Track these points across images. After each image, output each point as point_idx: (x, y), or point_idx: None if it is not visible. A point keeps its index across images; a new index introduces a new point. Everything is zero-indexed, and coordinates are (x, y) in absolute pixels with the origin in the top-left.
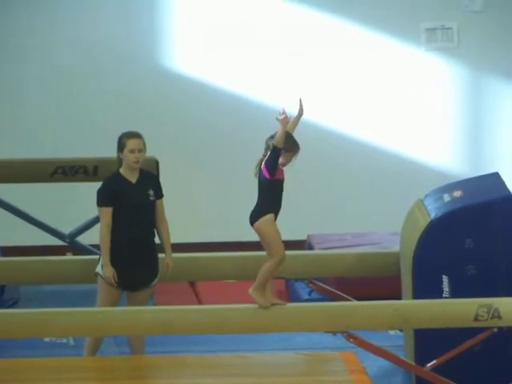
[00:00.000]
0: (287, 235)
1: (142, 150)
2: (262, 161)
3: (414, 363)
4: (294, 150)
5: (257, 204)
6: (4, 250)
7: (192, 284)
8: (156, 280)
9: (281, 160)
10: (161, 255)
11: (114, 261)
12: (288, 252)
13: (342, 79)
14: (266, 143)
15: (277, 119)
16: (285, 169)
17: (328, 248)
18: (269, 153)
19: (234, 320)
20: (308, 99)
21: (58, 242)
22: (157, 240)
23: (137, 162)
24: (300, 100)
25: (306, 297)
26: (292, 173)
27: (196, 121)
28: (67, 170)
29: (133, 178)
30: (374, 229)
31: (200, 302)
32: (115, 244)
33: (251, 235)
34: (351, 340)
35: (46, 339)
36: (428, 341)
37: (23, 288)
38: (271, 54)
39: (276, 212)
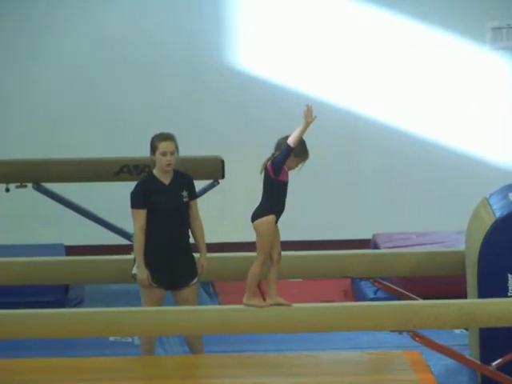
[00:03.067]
0: (352, 234)
1: (174, 152)
2: (269, 159)
3: (479, 362)
4: (303, 156)
5: (260, 203)
6: (69, 250)
7: (258, 283)
8: (195, 280)
9: (287, 162)
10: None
11: (150, 262)
12: (353, 251)
13: (406, 78)
14: (278, 141)
15: (304, 116)
16: (349, 168)
17: (393, 247)
18: (279, 151)
19: (300, 319)
20: (374, 99)
21: (123, 241)
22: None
23: (169, 164)
24: (309, 106)
25: (372, 296)
26: (357, 172)
27: (260, 120)
28: (132, 169)
29: (166, 179)
30: (438, 228)
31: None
32: (150, 245)
33: (316, 234)
34: (417, 339)
35: (111, 338)
36: (493, 339)
37: (88, 287)
38: (336, 53)
39: (278, 214)
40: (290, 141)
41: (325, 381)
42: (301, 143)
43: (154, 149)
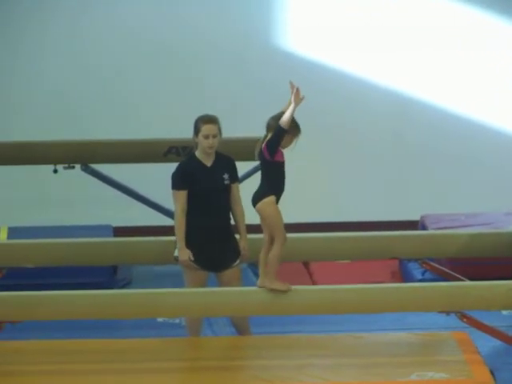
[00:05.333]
0: (400, 216)
1: (217, 135)
2: (262, 142)
3: None
4: (295, 132)
5: (259, 186)
6: (116, 230)
7: (306, 264)
8: (237, 261)
9: (282, 142)
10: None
11: (191, 243)
12: (401, 232)
13: (455, 58)
14: (268, 123)
15: (293, 97)
16: (397, 150)
17: (441, 228)
18: (271, 133)
19: (348, 300)
20: (422, 79)
21: (171, 222)
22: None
23: (210, 147)
24: (297, 87)
25: (420, 277)
26: (405, 153)
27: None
28: (180, 150)
29: (208, 161)
30: (487, 209)
31: (314, 283)
32: (191, 227)
33: (364, 215)
34: (464, 320)
35: (159, 319)
36: None
37: (136, 268)
38: (385, 34)
39: (278, 194)
40: (282, 122)
41: (372, 362)
42: (291, 121)
43: (196, 131)
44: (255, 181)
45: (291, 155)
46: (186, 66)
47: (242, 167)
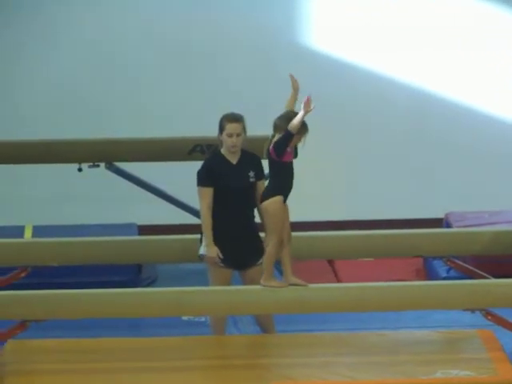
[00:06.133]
0: (424, 213)
1: (241, 133)
2: (270, 141)
3: None
4: (303, 131)
5: (268, 184)
6: (141, 229)
7: (330, 262)
8: (262, 259)
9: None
10: None
11: (216, 241)
12: (426, 230)
13: (479, 56)
14: (274, 123)
15: (303, 105)
16: (421, 147)
17: (465, 226)
18: (278, 135)
19: (372, 298)
20: (444, 76)
21: (195, 220)
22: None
23: (234, 146)
24: (291, 76)
25: (444, 275)
26: (429, 151)
27: (332, 101)
28: (205, 148)
29: (233, 158)
30: (511, 207)
31: (338, 280)
32: (217, 224)
33: (388, 213)
34: (489, 318)
35: (184, 318)
36: None
37: (161, 267)
38: (409, 32)
39: (285, 193)
40: (291, 127)
41: (397, 359)
42: None
43: (221, 129)
44: None
45: (315, 153)
46: (211, 63)
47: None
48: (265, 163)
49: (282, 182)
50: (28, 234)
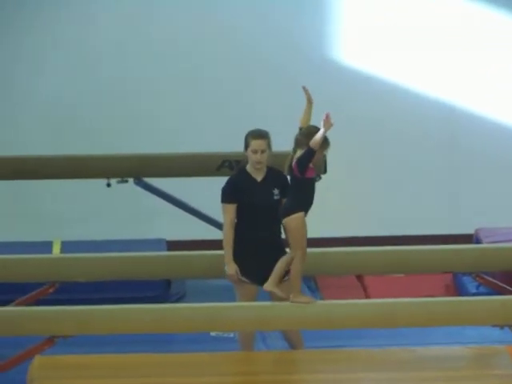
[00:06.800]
0: (455, 229)
1: (265, 150)
2: (292, 157)
3: None
4: (325, 146)
5: (288, 199)
6: (170, 244)
7: (359, 278)
8: (288, 276)
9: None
10: None
11: (241, 257)
12: (455, 246)
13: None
14: (296, 138)
15: (323, 123)
16: (450, 164)
17: (496, 242)
18: (299, 151)
19: (402, 314)
20: (475, 93)
21: None
22: None
23: (259, 162)
24: (305, 89)
25: (474, 291)
26: (458, 167)
27: (361, 116)
28: (234, 164)
29: (259, 175)
30: None
31: (367, 296)
32: (241, 241)
33: (418, 229)
34: None
35: (212, 333)
36: None
37: (189, 282)
38: (439, 52)
39: (306, 210)
40: (313, 144)
41: (426, 376)
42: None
43: (246, 145)
44: None
45: (343, 168)
46: (239, 79)
47: None
48: None
49: (304, 197)
50: (56, 249)
